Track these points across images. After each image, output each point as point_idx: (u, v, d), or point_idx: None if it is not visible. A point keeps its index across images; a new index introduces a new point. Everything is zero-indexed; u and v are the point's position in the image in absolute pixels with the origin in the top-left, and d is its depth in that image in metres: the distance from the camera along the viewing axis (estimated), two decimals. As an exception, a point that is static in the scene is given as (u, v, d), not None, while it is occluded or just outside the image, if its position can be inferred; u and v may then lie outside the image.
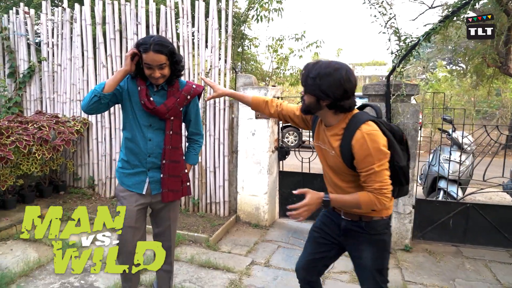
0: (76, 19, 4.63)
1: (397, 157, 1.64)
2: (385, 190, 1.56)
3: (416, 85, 3.46)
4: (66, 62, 4.77)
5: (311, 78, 1.58)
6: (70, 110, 4.82)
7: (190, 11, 4.23)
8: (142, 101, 1.97)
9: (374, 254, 1.75)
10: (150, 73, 1.91)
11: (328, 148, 1.71)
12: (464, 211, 3.65)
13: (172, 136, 2.07)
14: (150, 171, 2.07)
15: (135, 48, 1.90)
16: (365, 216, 1.72)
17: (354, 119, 1.63)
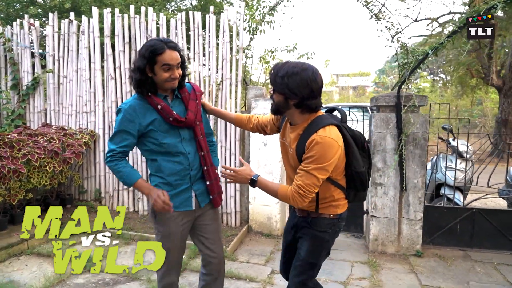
0: (84, 31, 4.63)
1: (355, 163, 1.72)
2: (302, 191, 1.62)
3: (425, 97, 3.62)
4: (72, 74, 4.75)
5: (279, 77, 1.64)
6: (76, 122, 4.78)
7: (201, 25, 4.30)
8: (171, 117, 1.83)
9: (311, 248, 1.84)
10: (170, 75, 1.78)
11: (288, 145, 1.81)
12: (470, 216, 3.81)
13: (203, 140, 2.00)
14: (194, 185, 1.97)
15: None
16: (313, 213, 1.81)
17: (315, 120, 1.69)
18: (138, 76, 1.80)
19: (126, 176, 1.86)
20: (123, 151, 1.88)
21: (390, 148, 3.65)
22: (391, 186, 3.69)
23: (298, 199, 1.65)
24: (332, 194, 1.78)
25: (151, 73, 1.79)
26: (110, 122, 4.62)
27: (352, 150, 1.72)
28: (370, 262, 3.52)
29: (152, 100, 1.83)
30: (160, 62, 1.75)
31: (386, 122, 3.65)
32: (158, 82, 1.82)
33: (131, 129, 1.84)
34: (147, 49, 1.76)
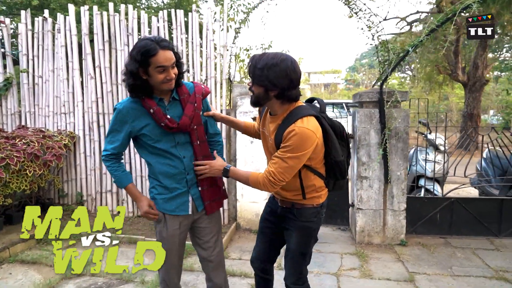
0: (59, 29, 4.47)
1: (334, 152, 1.77)
2: (273, 179, 1.68)
3: (406, 92, 3.77)
4: (48, 74, 4.58)
5: (258, 69, 1.64)
6: (54, 124, 4.61)
7: (184, 23, 4.27)
8: (162, 123, 1.77)
9: (299, 239, 1.89)
10: (165, 76, 1.70)
11: (268, 135, 1.84)
12: (449, 205, 4.01)
13: (200, 145, 1.92)
14: (192, 189, 1.92)
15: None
16: (297, 204, 1.86)
17: (294, 111, 1.71)
18: (131, 81, 1.72)
19: (117, 179, 1.91)
20: (115, 153, 1.87)
21: (374, 142, 3.78)
22: (375, 179, 3.82)
23: (268, 185, 1.70)
24: (313, 183, 1.82)
25: (146, 75, 1.72)
26: (91, 123, 4.49)
27: (331, 140, 1.76)
28: (358, 253, 3.64)
29: (146, 103, 1.77)
30: (154, 64, 1.67)
31: (370, 117, 3.77)
32: (154, 84, 1.75)
33: (123, 130, 1.82)
34: (138, 51, 1.67)
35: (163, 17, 4.26)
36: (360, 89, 23.36)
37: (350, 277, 3.15)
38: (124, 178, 1.90)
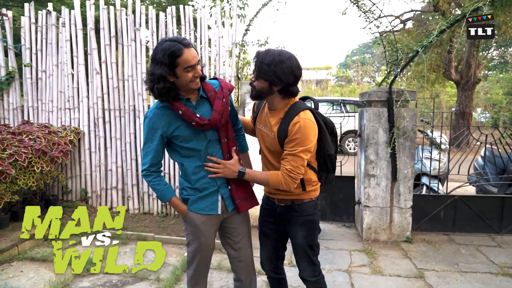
0: (64, 23, 4.40)
1: (327, 146, 1.88)
2: (294, 174, 1.74)
3: (415, 92, 3.83)
4: (52, 69, 4.50)
5: (265, 64, 1.70)
6: (58, 119, 4.55)
7: (192, 19, 4.24)
8: (193, 122, 1.76)
9: (305, 233, 1.96)
10: (193, 74, 1.71)
11: (268, 130, 1.87)
12: (452, 203, 4.11)
13: (228, 143, 1.92)
14: (222, 188, 1.91)
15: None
16: (297, 200, 1.92)
17: (295, 105, 1.81)
18: (161, 85, 1.70)
19: (160, 193, 1.89)
20: (154, 163, 1.86)
21: (382, 141, 3.84)
22: (383, 177, 3.88)
23: (290, 182, 1.75)
24: (309, 176, 1.90)
25: (173, 77, 1.71)
26: (96, 119, 4.45)
27: (324, 134, 1.86)
28: (366, 250, 3.70)
29: (174, 106, 1.77)
30: (182, 64, 1.67)
31: (379, 116, 3.82)
32: (182, 85, 1.74)
33: (156, 138, 1.81)
34: (164, 53, 1.65)
35: (171, 12, 4.22)
36: (353, 86, 23.53)
37: (361, 274, 3.22)
38: (167, 192, 1.89)
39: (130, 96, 4.36)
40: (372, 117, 3.84)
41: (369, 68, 33.00)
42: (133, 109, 4.37)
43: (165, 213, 4.39)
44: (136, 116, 4.37)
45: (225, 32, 4.23)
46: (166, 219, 4.30)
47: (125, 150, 4.41)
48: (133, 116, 4.38)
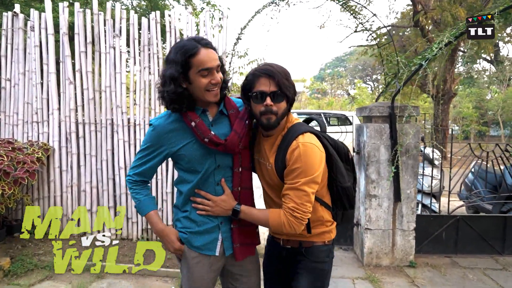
0: (33, 27, 3.94)
1: (340, 177, 1.53)
2: (298, 213, 1.39)
3: (417, 107, 3.64)
4: (18, 77, 4.01)
5: (287, 80, 1.45)
6: (24, 133, 4.04)
7: (178, 26, 3.90)
8: (206, 138, 1.45)
9: (312, 283, 1.59)
10: (209, 81, 1.40)
11: (266, 161, 1.55)
12: (454, 223, 3.92)
13: (242, 173, 1.57)
14: (223, 225, 1.57)
15: None
16: (306, 242, 1.58)
17: (293, 128, 1.49)
18: (172, 88, 1.40)
19: (138, 203, 1.60)
20: (141, 180, 1.60)
21: (384, 159, 3.61)
22: (385, 198, 3.64)
23: (295, 223, 1.40)
24: (321, 214, 1.55)
25: (185, 82, 1.42)
26: (68, 134, 3.97)
27: (335, 163, 1.53)
28: (370, 277, 3.42)
29: (187, 116, 1.47)
30: (196, 66, 1.38)
31: (380, 132, 3.60)
32: (196, 93, 1.44)
33: (157, 153, 1.52)
34: (177, 51, 1.40)
35: (155, 18, 3.87)
36: (330, 99, 23.72)
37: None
38: (147, 204, 1.59)
39: (107, 108, 3.93)
40: (373, 133, 3.61)
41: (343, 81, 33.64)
42: (111, 123, 3.94)
43: (145, 238, 3.95)
44: (114, 131, 3.94)
45: (213, 42, 3.91)
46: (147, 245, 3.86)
47: (100, 168, 3.96)
48: (111, 131, 3.95)
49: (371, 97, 20.61)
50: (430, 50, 3.47)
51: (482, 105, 22.37)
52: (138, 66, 3.95)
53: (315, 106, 23.51)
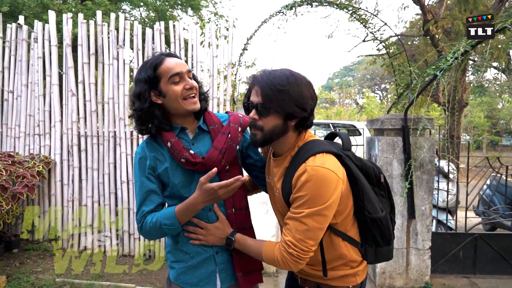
0: (37, 38, 3.88)
1: (368, 205, 1.26)
2: (295, 250, 1.16)
3: (432, 119, 3.48)
4: (20, 89, 3.95)
5: (278, 90, 1.17)
6: (26, 146, 3.97)
7: (183, 36, 3.81)
8: (182, 158, 1.30)
9: None
10: (184, 86, 1.29)
11: (274, 185, 1.34)
12: (472, 241, 3.70)
13: (233, 194, 1.42)
14: (220, 254, 1.39)
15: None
16: (324, 285, 1.32)
17: (306, 146, 1.25)
18: (139, 105, 1.28)
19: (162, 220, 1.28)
20: (154, 211, 1.35)
21: (396, 174, 3.43)
22: (398, 215, 3.44)
23: (290, 261, 1.17)
24: (343, 252, 1.28)
25: (160, 97, 1.30)
26: (70, 147, 3.88)
27: (362, 188, 1.25)
28: (384, 300, 3.22)
29: (163, 137, 1.33)
30: (165, 74, 1.27)
31: (393, 146, 3.43)
32: (174, 106, 1.30)
33: (150, 181, 1.34)
34: (141, 69, 1.32)
35: (159, 29, 3.78)
36: (338, 108, 23.52)
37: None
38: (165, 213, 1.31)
39: (110, 121, 3.84)
40: (385, 147, 3.44)
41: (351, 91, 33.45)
42: (113, 136, 3.84)
43: (148, 255, 3.80)
44: (116, 143, 3.84)
45: (219, 51, 3.81)
46: (149, 262, 3.71)
47: (102, 182, 3.85)
48: (113, 144, 3.85)
49: (379, 106, 20.41)
50: (445, 60, 3.31)
51: (493, 115, 21.99)
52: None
53: (323, 115, 23.35)
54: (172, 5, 10.05)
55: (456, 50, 3.28)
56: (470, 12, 8.80)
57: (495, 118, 22.16)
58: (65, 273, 3.42)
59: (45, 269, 3.48)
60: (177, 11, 10.71)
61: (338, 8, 3.53)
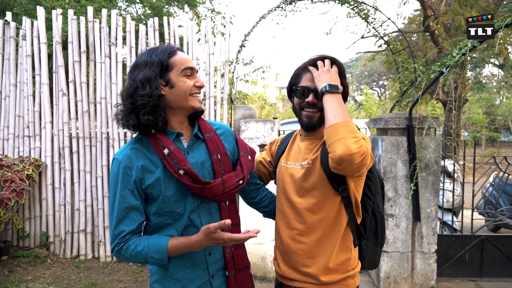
0: (25, 35, 3.72)
1: (378, 201, 1.33)
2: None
3: (437, 118, 3.35)
4: (8, 89, 3.79)
5: (339, 65, 1.30)
6: (15, 148, 3.81)
7: (178, 33, 3.66)
8: (181, 170, 1.13)
9: None
10: (194, 83, 1.18)
11: (302, 162, 1.31)
12: (478, 244, 3.58)
13: (229, 207, 1.29)
14: (216, 277, 1.25)
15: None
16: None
17: None
18: (148, 91, 1.10)
19: (148, 250, 1.12)
20: (134, 230, 1.16)
21: (401, 175, 3.30)
22: (403, 217, 3.32)
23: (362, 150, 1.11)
24: (348, 246, 1.27)
25: (166, 87, 1.15)
26: (61, 149, 3.73)
27: (375, 181, 1.32)
28: (389, 306, 3.10)
29: (157, 142, 1.16)
30: (179, 64, 1.15)
31: (397, 146, 3.30)
32: (178, 100, 1.16)
33: (134, 196, 1.15)
34: (152, 52, 1.15)
35: (153, 25, 3.63)
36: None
37: None
38: (158, 240, 1.14)
39: (103, 121, 3.69)
40: (389, 147, 3.31)
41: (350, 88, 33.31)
42: (106, 137, 3.69)
43: (143, 260, 3.66)
44: (109, 145, 3.69)
45: (216, 48, 3.65)
46: (145, 269, 3.58)
47: (95, 185, 3.70)
48: (106, 146, 3.70)
49: (378, 103, 20.27)
50: (451, 57, 3.18)
51: (492, 111, 21.92)
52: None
53: (321, 113, 23.12)
54: (168, 2, 9.87)
55: (464, 46, 3.15)
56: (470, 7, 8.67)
57: (494, 115, 22.08)
58: (56, 281, 3.29)
59: (35, 277, 3.34)
60: (173, 8, 10.53)
61: (339, 3, 3.39)
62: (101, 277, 3.41)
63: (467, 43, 3.12)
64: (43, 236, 3.76)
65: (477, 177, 3.72)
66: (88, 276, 3.39)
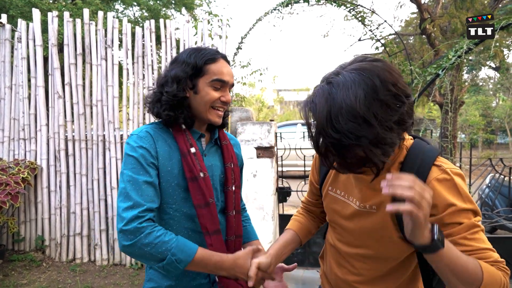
0: (20, 38, 3.70)
1: None
2: (502, 265, 0.91)
3: (434, 120, 3.36)
4: (4, 91, 3.76)
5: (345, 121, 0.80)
6: (10, 151, 3.78)
7: (175, 35, 3.65)
8: (197, 173, 1.11)
9: None
10: (220, 96, 1.14)
11: (360, 202, 1.01)
12: (476, 246, 3.58)
13: (235, 217, 1.25)
14: (216, 285, 1.21)
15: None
16: None
17: (414, 149, 0.94)
18: (174, 90, 1.10)
19: (177, 247, 1.01)
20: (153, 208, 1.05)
21: (398, 177, 3.30)
22: (400, 219, 3.32)
23: (505, 281, 0.86)
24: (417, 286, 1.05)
25: (191, 91, 1.13)
26: (57, 152, 3.71)
27: None
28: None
29: (184, 137, 1.14)
30: (211, 74, 1.12)
31: (394, 148, 3.30)
32: (198, 108, 1.14)
33: (152, 169, 1.08)
34: (192, 53, 1.14)
35: (149, 28, 3.62)
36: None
37: None
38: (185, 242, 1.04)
39: (99, 124, 3.67)
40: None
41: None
42: (102, 140, 3.67)
43: (140, 264, 3.64)
44: (105, 148, 3.67)
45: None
46: (141, 272, 3.55)
47: (91, 188, 3.68)
48: (102, 148, 3.68)
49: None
50: (447, 59, 3.20)
51: (488, 113, 22.03)
52: (131, 78, 3.69)
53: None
54: (165, 4, 9.88)
55: (459, 48, 3.16)
56: (466, 10, 8.71)
57: (490, 117, 22.20)
58: (52, 284, 3.26)
59: (30, 281, 3.31)
60: (170, 11, 10.54)
61: (336, 5, 3.39)
62: (97, 280, 3.39)
63: (463, 46, 3.14)
64: (38, 239, 3.73)
65: (473, 178, 3.73)
66: (84, 280, 3.36)
